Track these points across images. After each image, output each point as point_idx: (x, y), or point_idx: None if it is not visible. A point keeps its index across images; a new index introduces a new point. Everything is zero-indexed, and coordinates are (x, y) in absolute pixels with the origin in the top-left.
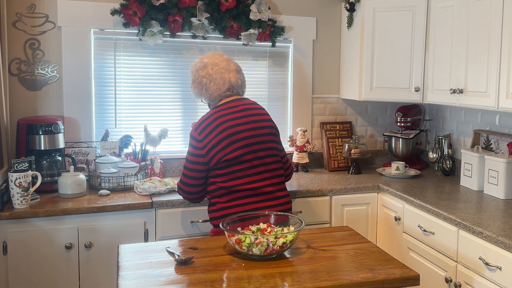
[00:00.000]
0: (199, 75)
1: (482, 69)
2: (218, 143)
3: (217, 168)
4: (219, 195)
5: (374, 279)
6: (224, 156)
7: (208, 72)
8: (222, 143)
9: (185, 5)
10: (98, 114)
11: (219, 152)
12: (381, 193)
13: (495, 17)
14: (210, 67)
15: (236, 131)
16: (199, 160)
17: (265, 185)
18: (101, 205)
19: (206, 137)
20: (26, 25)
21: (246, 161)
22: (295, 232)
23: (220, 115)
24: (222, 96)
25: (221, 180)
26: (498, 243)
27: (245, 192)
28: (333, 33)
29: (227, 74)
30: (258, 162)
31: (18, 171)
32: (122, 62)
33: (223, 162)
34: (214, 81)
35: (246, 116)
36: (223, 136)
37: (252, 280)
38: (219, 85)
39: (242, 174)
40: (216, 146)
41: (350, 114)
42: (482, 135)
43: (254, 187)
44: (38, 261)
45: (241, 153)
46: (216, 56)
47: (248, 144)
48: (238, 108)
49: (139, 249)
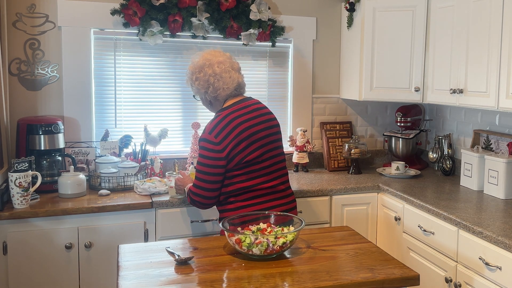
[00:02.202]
0: (205, 73)
1: (482, 69)
2: (238, 144)
3: (236, 169)
4: (237, 194)
5: (374, 279)
6: (245, 157)
7: (215, 71)
8: (242, 144)
9: (185, 5)
10: (98, 114)
11: (239, 154)
12: (381, 193)
13: (495, 17)
14: (216, 65)
15: (253, 131)
16: (219, 163)
17: (279, 183)
18: (101, 205)
19: (225, 139)
20: (26, 25)
21: (263, 161)
22: (295, 232)
23: (236, 116)
24: (229, 96)
25: (239, 180)
26: (498, 243)
27: (262, 191)
28: (333, 33)
29: (234, 74)
30: (272, 161)
31: (18, 171)
32: (122, 62)
33: (244, 163)
34: (223, 80)
35: (259, 116)
36: (242, 137)
37: (252, 280)
38: (227, 84)
39: (259, 174)
40: (236, 147)
41: (350, 114)
42: (482, 135)
43: (270, 186)
44: (38, 261)
45: (259, 153)
46: (218, 54)
47: (264, 144)
48: (250, 108)
49: (139, 249)
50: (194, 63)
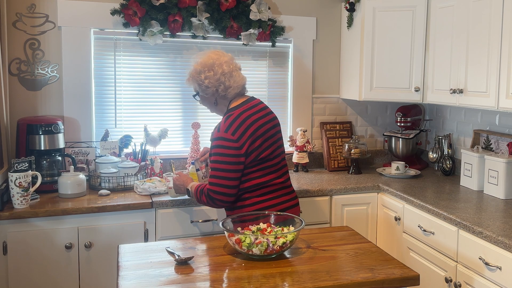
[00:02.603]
0: (216, 71)
1: (482, 69)
2: (254, 141)
3: (251, 166)
4: (252, 190)
5: (374, 279)
6: (260, 154)
7: (225, 70)
8: (257, 141)
9: (185, 5)
10: (98, 114)
11: (255, 150)
12: (381, 193)
13: (495, 17)
14: (225, 64)
15: (266, 129)
16: (239, 160)
17: (286, 179)
18: (101, 205)
19: (242, 136)
20: (26, 25)
21: (274, 158)
22: (295, 232)
23: (250, 114)
24: (238, 95)
25: (255, 176)
26: (498, 243)
27: (275, 187)
28: (333, 33)
29: (240, 73)
30: (280, 158)
31: (18, 171)
32: (122, 62)
33: (259, 159)
34: (234, 79)
35: (267, 114)
36: (258, 134)
37: (252, 280)
38: (237, 82)
39: (272, 170)
40: (253, 144)
41: (350, 114)
42: (482, 135)
43: (281, 181)
44: (38, 261)
45: (272, 150)
46: (223, 54)
47: (274, 142)
48: (258, 107)
49: (139, 249)
50: (201, 62)
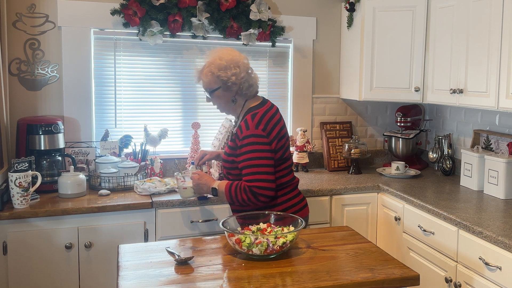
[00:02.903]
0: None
1: (482, 69)
2: (280, 140)
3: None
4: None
5: (374, 279)
6: (283, 154)
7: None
8: (282, 141)
9: (185, 5)
10: (98, 114)
11: (280, 150)
12: (381, 193)
13: (495, 17)
14: (247, 63)
15: (285, 131)
16: (272, 155)
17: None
18: (101, 205)
19: (271, 133)
20: (26, 25)
21: (289, 158)
22: (295, 232)
23: (272, 114)
24: (255, 94)
25: (280, 175)
26: (498, 243)
27: (293, 185)
28: (333, 33)
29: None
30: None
31: (18, 171)
32: (122, 62)
33: (283, 159)
34: (253, 79)
35: (281, 116)
36: (281, 134)
37: (252, 280)
38: (257, 81)
39: (290, 170)
40: (279, 142)
41: (350, 114)
42: (482, 135)
43: (296, 181)
44: (38, 261)
45: (289, 151)
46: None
47: (289, 144)
48: (274, 108)
49: (139, 249)
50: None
